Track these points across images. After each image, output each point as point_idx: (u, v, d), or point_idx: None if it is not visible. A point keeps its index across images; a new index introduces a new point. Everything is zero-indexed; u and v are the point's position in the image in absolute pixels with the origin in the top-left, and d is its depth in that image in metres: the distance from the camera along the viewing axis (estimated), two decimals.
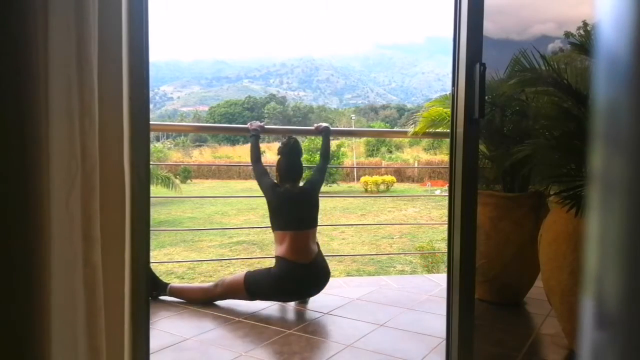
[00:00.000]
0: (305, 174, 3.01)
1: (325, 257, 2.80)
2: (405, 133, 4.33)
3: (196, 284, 2.84)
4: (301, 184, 2.85)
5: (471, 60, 1.64)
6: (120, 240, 1.33)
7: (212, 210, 17.11)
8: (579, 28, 2.56)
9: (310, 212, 2.77)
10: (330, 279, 2.80)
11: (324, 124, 3.08)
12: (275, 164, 2.84)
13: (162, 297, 2.75)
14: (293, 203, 2.73)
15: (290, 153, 2.85)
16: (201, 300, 2.72)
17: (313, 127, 3.16)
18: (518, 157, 2.50)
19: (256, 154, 2.88)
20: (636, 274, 0.25)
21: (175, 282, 2.79)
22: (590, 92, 1.96)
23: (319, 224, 2.84)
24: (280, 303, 2.74)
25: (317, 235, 2.86)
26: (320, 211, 2.91)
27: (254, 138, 2.88)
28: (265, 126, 3.06)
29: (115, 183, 1.30)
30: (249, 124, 2.98)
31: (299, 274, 2.63)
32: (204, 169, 26.85)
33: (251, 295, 2.65)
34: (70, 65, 1.12)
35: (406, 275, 8.54)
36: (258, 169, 2.84)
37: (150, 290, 2.55)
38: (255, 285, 2.64)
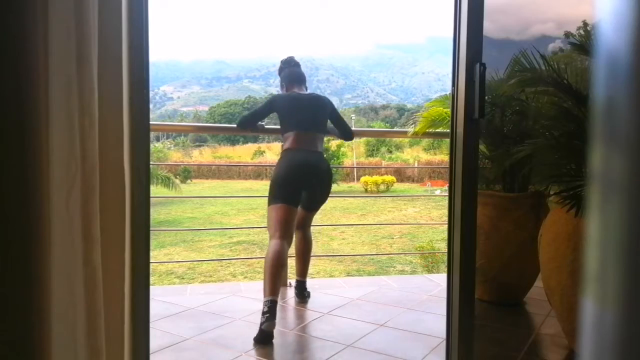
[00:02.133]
0: None
1: (325, 257, 2.80)
2: (405, 133, 4.33)
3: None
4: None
5: (471, 60, 1.64)
6: (120, 240, 1.33)
7: (212, 210, 17.12)
8: (579, 28, 2.56)
9: (317, 117, 2.78)
10: (330, 279, 2.80)
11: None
12: (275, 164, 2.83)
13: None
14: (302, 104, 2.77)
15: (291, 63, 2.93)
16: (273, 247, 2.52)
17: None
18: (518, 157, 2.50)
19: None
20: (636, 274, 0.25)
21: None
22: (590, 92, 1.96)
23: (320, 223, 2.82)
24: (279, 302, 2.74)
25: (317, 234, 2.85)
26: (319, 212, 2.91)
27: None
28: (266, 126, 3.06)
29: (115, 183, 1.30)
30: None
31: (302, 155, 2.65)
32: (204, 169, 26.86)
33: (277, 198, 2.56)
34: (70, 65, 1.11)
35: (406, 275, 8.54)
36: (246, 116, 2.87)
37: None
38: (272, 189, 2.60)
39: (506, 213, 2.70)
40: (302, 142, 2.68)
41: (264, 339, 2.26)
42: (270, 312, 2.31)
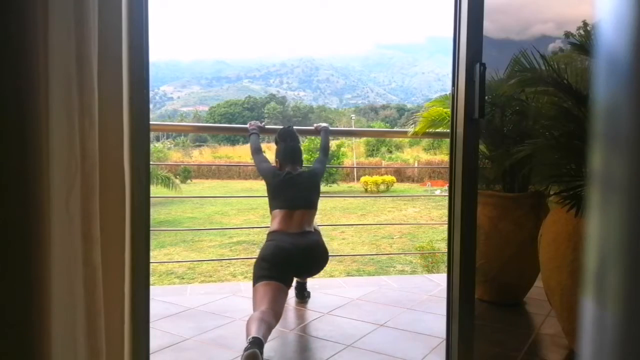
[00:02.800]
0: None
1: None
2: (405, 133, 4.33)
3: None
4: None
5: (471, 60, 1.64)
6: (120, 240, 1.33)
7: (212, 210, 17.12)
8: (579, 28, 2.56)
9: (308, 194, 2.69)
10: (330, 279, 2.80)
11: (324, 124, 3.09)
12: (274, 162, 2.83)
13: None
14: (292, 185, 2.68)
15: (287, 138, 2.82)
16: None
17: (312, 127, 3.17)
18: (518, 157, 2.50)
19: (256, 146, 2.88)
20: (636, 274, 0.25)
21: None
22: (590, 92, 1.96)
23: (320, 223, 2.80)
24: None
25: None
26: (319, 212, 2.91)
27: (254, 135, 2.89)
28: (265, 126, 3.07)
29: (115, 183, 1.30)
30: (248, 123, 2.99)
31: (289, 240, 2.45)
32: (204, 169, 26.86)
33: (263, 277, 2.31)
34: (70, 65, 1.12)
35: (406, 275, 8.54)
36: (258, 158, 2.84)
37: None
38: (255, 272, 2.38)
39: (506, 213, 2.70)
40: (290, 223, 2.51)
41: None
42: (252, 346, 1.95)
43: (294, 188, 2.65)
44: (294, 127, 2.90)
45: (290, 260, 2.40)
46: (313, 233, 2.58)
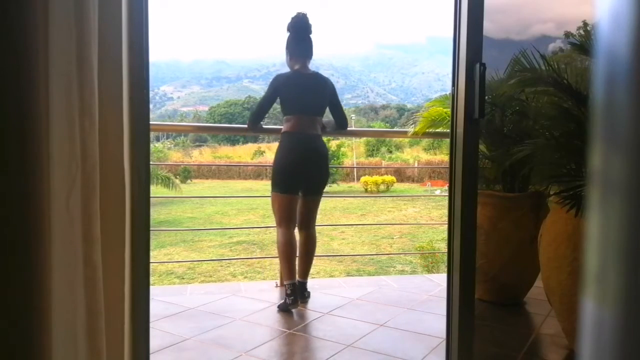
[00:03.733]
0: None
1: (325, 257, 2.82)
2: (405, 133, 4.33)
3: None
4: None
5: (471, 60, 1.64)
6: (120, 240, 1.33)
7: (212, 210, 17.11)
8: (579, 28, 2.56)
9: (318, 100, 2.80)
10: (330, 279, 2.82)
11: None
12: (272, 164, 2.82)
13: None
14: (302, 88, 2.76)
15: (299, 25, 2.75)
16: (281, 238, 2.76)
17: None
18: (518, 157, 2.50)
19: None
20: (636, 274, 0.25)
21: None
22: (590, 92, 1.96)
23: (320, 223, 2.85)
24: (279, 305, 2.74)
25: (317, 234, 2.87)
26: (319, 212, 2.91)
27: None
28: (265, 126, 3.06)
29: (115, 183, 1.30)
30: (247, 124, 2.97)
31: (301, 137, 2.72)
32: (204, 169, 26.85)
33: (280, 188, 2.74)
34: (70, 65, 1.11)
35: (406, 275, 8.53)
36: (254, 113, 2.85)
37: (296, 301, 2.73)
38: (274, 177, 2.75)
39: (506, 213, 2.70)
40: (302, 125, 2.72)
41: (286, 310, 2.68)
42: (293, 294, 2.67)
43: (304, 92, 2.76)
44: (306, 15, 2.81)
45: (300, 158, 2.73)
46: (319, 136, 2.79)
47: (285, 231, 2.74)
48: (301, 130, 2.72)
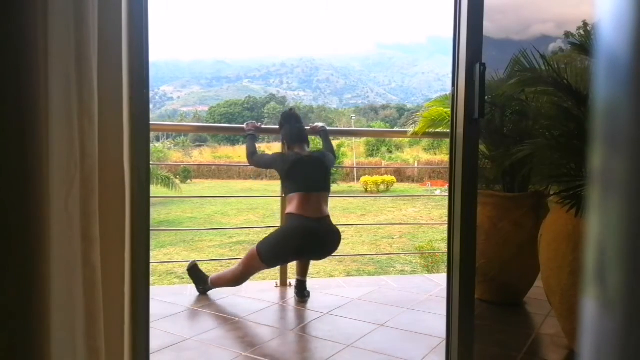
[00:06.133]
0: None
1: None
2: (405, 133, 4.33)
3: (227, 269, 2.90)
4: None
5: (471, 60, 1.64)
6: (120, 240, 1.33)
7: (212, 210, 17.10)
8: (579, 28, 2.56)
9: (320, 175, 2.78)
10: (330, 279, 2.82)
11: (320, 124, 3.08)
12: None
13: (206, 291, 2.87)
14: (303, 165, 2.75)
15: (292, 119, 2.91)
16: (233, 284, 2.79)
17: (309, 127, 3.13)
18: (518, 157, 2.50)
19: (252, 150, 2.91)
20: (636, 274, 0.25)
21: (212, 274, 2.89)
22: (590, 92, 1.96)
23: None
24: (279, 305, 2.74)
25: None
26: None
27: (250, 137, 2.90)
28: (262, 126, 3.07)
29: (115, 183, 1.30)
30: (245, 124, 2.97)
31: (309, 227, 2.64)
32: (204, 169, 26.84)
33: (267, 263, 2.67)
34: (70, 65, 1.11)
35: (406, 275, 8.53)
36: (257, 157, 2.90)
37: (199, 285, 2.78)
38: (268, 251, 2.65)
39: (506, 213, 2.70)
40: (307, 207, 2.65)
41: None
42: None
43: (306, 169, 2.74)
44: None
45: (306, 247, 2.66)
46: (328, 218, 2.73)
47: (237, 283, 2.80)
48: (307, 215, 2.64)
